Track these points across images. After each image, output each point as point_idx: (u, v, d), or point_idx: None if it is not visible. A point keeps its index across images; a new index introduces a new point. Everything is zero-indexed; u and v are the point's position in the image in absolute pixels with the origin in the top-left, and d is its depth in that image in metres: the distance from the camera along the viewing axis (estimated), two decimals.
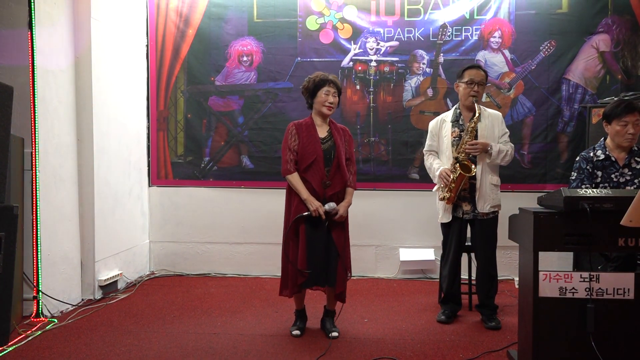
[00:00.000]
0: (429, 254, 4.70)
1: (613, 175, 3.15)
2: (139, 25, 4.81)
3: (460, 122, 3.50)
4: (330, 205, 3.18)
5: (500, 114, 3.58)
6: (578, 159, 3.27)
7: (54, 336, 3.30)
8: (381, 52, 4.75)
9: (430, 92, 4.73)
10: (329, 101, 3.23)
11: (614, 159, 3.16)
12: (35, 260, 3.55)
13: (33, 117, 3.54)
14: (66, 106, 3.91)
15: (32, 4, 3.52)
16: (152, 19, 4.89)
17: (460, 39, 4.69)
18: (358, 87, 4.79)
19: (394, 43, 4.74)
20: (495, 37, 4.65)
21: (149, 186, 5.01)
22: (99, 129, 4.15)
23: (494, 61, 4.61)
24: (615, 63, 4.56)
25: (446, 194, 3.44)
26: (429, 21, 4.71)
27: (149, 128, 4.97)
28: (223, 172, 4.94)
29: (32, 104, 3.54)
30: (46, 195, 3.64)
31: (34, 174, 3.54)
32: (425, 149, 3.70)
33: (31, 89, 3.53)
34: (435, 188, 3.60)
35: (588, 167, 3.19)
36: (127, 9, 4.61)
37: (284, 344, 3.18)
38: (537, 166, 4.65)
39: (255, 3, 4.82)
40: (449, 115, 3.58)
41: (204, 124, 4.93)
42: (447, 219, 3.52)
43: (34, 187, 3.54)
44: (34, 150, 3.54)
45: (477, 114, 3.38)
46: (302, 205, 3.20)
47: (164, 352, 3.05)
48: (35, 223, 3.54)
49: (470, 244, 3.64)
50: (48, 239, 3.65)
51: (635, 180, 3.12)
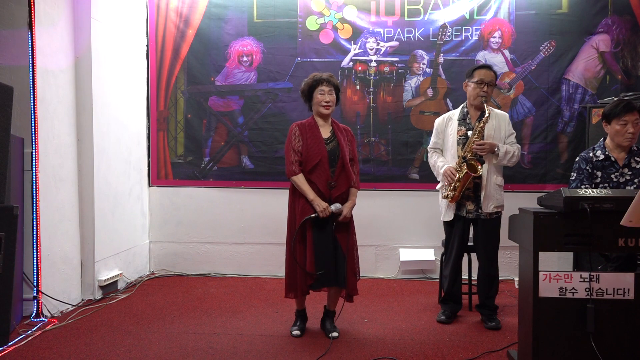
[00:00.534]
0: (429, 254, 4.70)
1: (613, 175, 3.16)
2: (139, 25, 4.81)
3: (467, 121, 3.50)
4: (336, 206, 3.17)
5: (507, 114, 3.58)
6: (578, 159, 3.27)
7: (54, 336, 3.30)
8: (381, 53, 4.75)
9: (430, 92, 4.73)
10: (325, 100, 3.22)
11: (613, 159, 3.16)
12: (35, 260, 3.54)
13: (33, 118, 3.53)
14: (66, 106, 3.91)
15: (32, 4, 3.52)
16: (152, 19, 4.90)
17: (460, 39, 4.69)
18: (358, 87, 4.79)
19: (394, 43, 4.74)
20: (495, 37, 4.65)
21: (149, 186, 5.01)
22: (99, 129, 4.15)
23: (494, 61, 4.61)
24: (615, 63, 4.56)
25: (450, 193, 3.43)
26: (429, 21, 4.71)
27: (149, 128, 4.97)
28: (223, 172, 4.94)
29: (32, 104, 3.54)
30: (46, 195, 3.64)
31: (34, 174, 3.54)
32: (429, 146, 3.69)
33: (31, 89, 3.53)
34: (439, 186, 3.60)
35: (588, 168, 3.19)
36: (127, 9, 4.61)
37: (284, 344, 3.18)
38: (537, 166, 4.65)
39: (255, 3, 4.82)
40: (456, 113, 3.58)
41: (204, 124, 4.93)
42: (450, 217, 3.52)
43: (34, 187, 3.54)
44: (34, 151, 3.54)
45: (487, 114, 3.37)
46: (309, 207, 3.17)
47: (164, 352, 3.05)
48: (35, 223, 3.54)
49: (473, 243, 3.63)
50: (48, 239, 3.65)
51: (635, 180, 3.12)
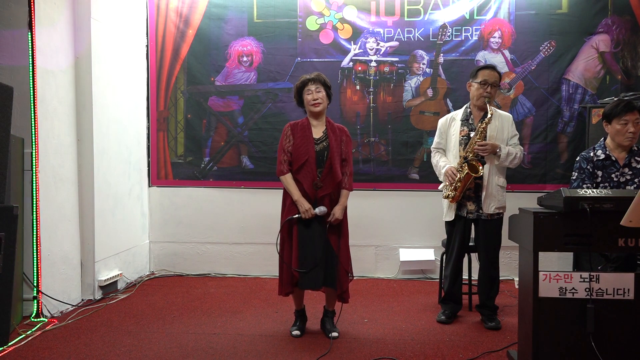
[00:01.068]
0: (429, 254, 4.70)
1: (613, 175, 3.16)
2: (139, 25, 4.81)
3: (470, 122, 3.50)
4: (320, 209, 3.18)
5: (510, 115, 3.57)
6: (578, 159, 3.27)
7: (53, 336, 3.30)
8: (381, 53, 4.75)
9: (430, 93, 4.73)
10: (313, 99, 3.23)
11: (614, 158, 3.16)
12: (35, 260, 3.55)
13: (33, 118, 3.54)
14: (66, 106, 3.91)
15: (32, 4, 3.52)
16: (152, 19, 4.90)
17: (460, 39, 4.69)
18: (358, 88, 4.79)
19: (394, 43, 4.74)
20: (495, 38, 4.65)
21: (149, 186, 5.01)
22: (99, 130, 4.15)
23: (494, 61, 4.60)
24: (615, 63, 4.56)
25: (451, 193, 3.43)
26: (429, 21, 4.71)
27: (149, 128, 4.97)
28: (223, 173, 4.94)
29: (32, 104, 3.54)
30: (46, 195, 3.64)
31: (34, 174, 3.54)
32: (432, 146, 3.70)
33: (31, 89, 3.53)
34: (441, 186, 3.60)
35: (588, 167, 3.20)
36: (127, 9, 4.61)
37: (284, 344, 3.18)
38: (537, 166, 4.65)
39: (255, 3, 4.82)
40: (459, 113, 3.57)
41: (204, 124, 4.93)
42: (451, 217, 3.52)
43: (34, 187, 3.54)
44: (34, 151, 3.54)
45: (490, 115, 3.36)
46: (294, 207, 3.20)
47: (164, 353, 3.05)
48: (35, 223, 3.54)
49: (473, 244, 3.63)
50: (48, 239, 3.65)
51: (636, 180, 3.12)
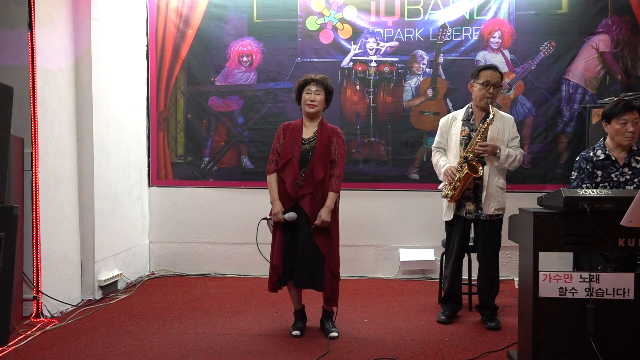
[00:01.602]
0: (429, 254, 4.70)
1: (613, 175, 3.16)
2: (139, 25, 4.81)
3: (471, 122, 3.50)
4: (289, 215, 3.21)
5: (512, 117, 3.57)
6: (578, 158, 3.27)
7: (53, 336, 3.30)
8: (381, 53, 4.75)
9: (430, 93, 4.73)
10: (310, 99, 3.26)
11: (614, 158, 3.16)
12: (35, 260, 3.55)
13: (33, 118, 3.54)
14: (66, 107, 3.91)
15: (32, 4, 3.52)
16: (152, 20, 4.90)
17: (460, 39, 4.69)
18: (358, 88, 4.79)
19: (394, 43, 4.74)
20: (495, 38, 4.65)
21: (149, 186, 5.01)
22: (99, 130, 4.15)
23: (494, 61, 4.59)
24: (615, 63, 4.56)
25: (450, 192, 3.43)
26: (428, 21, 4.71)
27: (149, 128, 4.97)
28: (223, 173, 4.94)
29: (32, 105, 3.54)
30: (46, 195, 3.64)
31: (34, 174, 3.54)
32: (433, 145, 3.70)
33: (31, 89, 3.53)
34: (441, 186, 3.60)
35: (588, 167, 3.20)
36: (127, 10, 4.61)
37: (283, 345, 3.18)
38: (537, 166, 4.65)
39: (255, 3, 4.82)
40: (460, 113, 3.58)
41: (204, 125, 4.93)
42: (449, 217, 3.52)
43: (34, 188, 3.54)
44: (34, 151, 3.54)
45: (492, 116, 3.36)
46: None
47: (164, 353, 3.05)
48: (35, 223, 3.54)
49: (473, 244, 3.63)
50: (48, 239, 3.65)
51: (635, 180, 3.12)
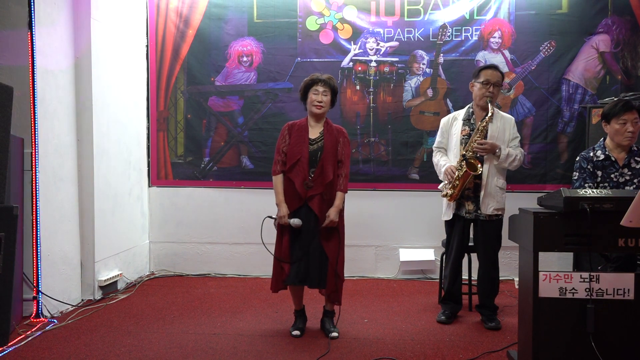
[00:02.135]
0: (429, 254, 4.70)
1: (613, 175, 3.16)
2: (139, 25, 4.81)
3: (472, 121, 3.50)
4: (294, 222, 3.20)
5: (513, 117, 3.57)
6: (578, 159, 3.27)
7: (53, 337, 3.30)
8: (381, 53, 4.75)
9: (430, 93, 4.73)
10: (317, 100, 3.24)
11: (613, 159, 3.16)
12: (35, 260, 3.54)
13: (33, 118, 3.54)
14: (66, 107, 3.91)
15: (32, 4, 3.52)
16: (152, 20, 4.89)
17: (460, 39, 4.69)
18: (358, 88, 4.79)
19: (394, 43, 4.74)
20: (495, 38, 4.65)
21: (149, 186, 5.01)
22: (99, 130, 4.15)
23: (494, 61, 4.60)
24: (615, 63, 4.56)
25: (449, 191, 3.43)
26: (428, 21, 4.71)
27: (149, 128, 4.97)
28: (223, 173, 4.94)
29: (32, 105, 3.54)
30: (46, 195, 3.64)
31: (34, 174, 3.54)
32: (434, 145, 3.71)
33: (31, 89, 3.53)
34: (441, 185, 3.60)
35: (589, 167, 3.20)
36: (127, 10, 4.61)
37: (284, 345, 3.18)
38: (537, 166, 4.65)
39: (255, 3, 4.82)
40: (461, 113, 3.58)
41: (204, 125, 4.93)
42: (449, 216, 3.52)
43: (34, 187, 3.54)
44: (34, 151, 3.54)
45: (490, 114, 3.37)
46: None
47: (164, 353, 3.05)
48: (35, 223, 3.54)
49: (473, 244, 3.63)
50: (48, 239, 3.65)
51: (635, 180, 3.12)
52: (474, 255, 3.76)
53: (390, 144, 4.78)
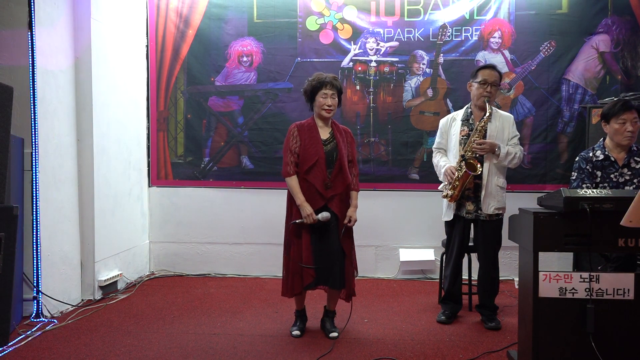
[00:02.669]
0: (429, 255, 4.70)
1: (612, 175, 3.16)
2: (139, 25, 4.81)
3: (470, 122, 3.50)
4: (323, 215, 3.16)
5: (512, 116, 3.57)
6: (578, 159, 3.27)
7: (53, 337, 3.30)
8: (381, 53, 4.75)
9: (430, 93, 4.73)
10: (327, 104, 3.22)
11: (613, 159, 3.16)
12: (35, 260, 3.55)
13: (33, 118, 3.54)
14: (66, 106, 3.91)
15: (32, 4, 3.52)
16: (152, 20, 4.90)
17: (460, 39, 4.69)
18: (358, 88, 4.79)
19: (394, 43, 4.74)
20: (495, 38, 4.65)
21: (149, 186, 5.01)
22: (99, 130, 4.15)
23: (494, 61, 4.59)
24: (615, 63, 4.56)
25: (449, 192, 3.43)
26: (428, 21, 4.71)
27: (148, 128, 4.97)
28: (223, 173, 4.94)
29: (32, 104, 3.54)
30: (46, 195, 3.64)
31: (34, 174, 3.54)
32: (433, 146, 3.71)
33: (31, 89, 3.53)
34: (441, 186, 3.60)
35: (588, 167, 3.20)
36: (127, 10, 4.61)
37: (284, 345, 3.18)
38: (537, 166, 4.65)
39: (255, 3, 4.82)
40: (459, 113, 3.58)
41: (204, 125, 4.93)
42: (449, 217, 3.52)
43: (34, 188, 3.54)
44: (33, 151, 3.54)
45: (488, 114, 3.37)
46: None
47: (164, 353, 3.05)
48: (35, 223, 3.54)
49: (473, 244, 3.63)
50: (48, 239, 3.65)
51: (635, 180, 3.12)
52: (474, 255, 3.77)
53: (390, 144, 4.78)
